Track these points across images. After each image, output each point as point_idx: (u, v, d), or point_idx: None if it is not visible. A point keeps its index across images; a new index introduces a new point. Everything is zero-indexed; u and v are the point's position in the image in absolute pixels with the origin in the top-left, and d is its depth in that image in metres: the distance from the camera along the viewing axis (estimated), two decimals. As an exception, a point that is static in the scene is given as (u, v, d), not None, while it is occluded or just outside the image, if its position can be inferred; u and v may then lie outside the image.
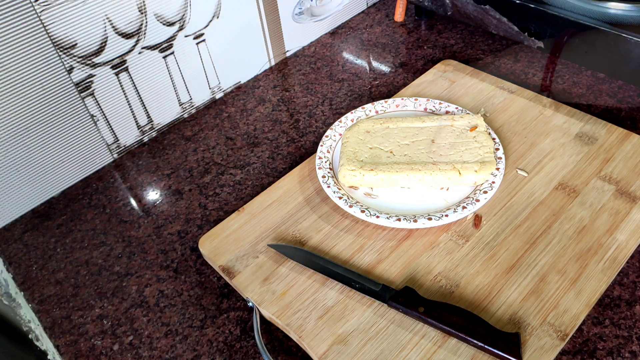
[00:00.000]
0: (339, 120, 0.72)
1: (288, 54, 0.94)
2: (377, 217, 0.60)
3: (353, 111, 0.73)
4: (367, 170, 0.63)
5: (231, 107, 0.86)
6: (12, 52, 0.62)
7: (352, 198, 0.63)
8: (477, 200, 0.61)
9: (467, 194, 0.63)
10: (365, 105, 0.74)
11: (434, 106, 0.73)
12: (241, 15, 0.83)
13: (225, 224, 0.64)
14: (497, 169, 0.63)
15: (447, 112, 0.72)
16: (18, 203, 0.72)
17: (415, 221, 0.59)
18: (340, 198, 0.62)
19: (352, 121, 0.73)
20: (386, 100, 0.75)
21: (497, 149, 0.66)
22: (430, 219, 0.59)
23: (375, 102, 0.75)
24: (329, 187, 0.64)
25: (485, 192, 0.61)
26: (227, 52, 0.84)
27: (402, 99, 0.75)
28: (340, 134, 0.71)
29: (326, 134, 0.71)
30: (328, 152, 0.69)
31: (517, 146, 0.68)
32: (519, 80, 0.81)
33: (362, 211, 0.60)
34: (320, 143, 0.70)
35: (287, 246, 0.60)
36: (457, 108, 0.72)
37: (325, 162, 0.68)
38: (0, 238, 0.70)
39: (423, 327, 0.52)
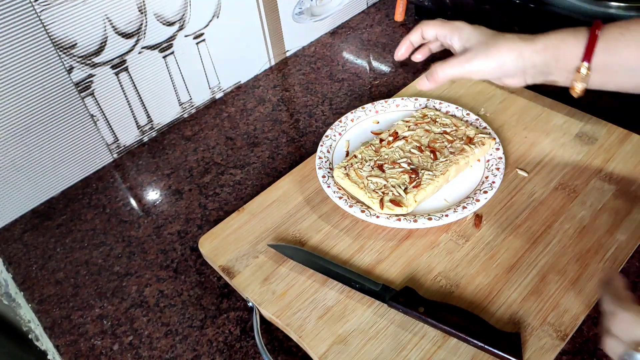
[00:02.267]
0: (339, 120, 0.72)
1: (288, 54, 0.94)
2: (377, 217, 0.60)
3: (353, 111, 0.73)
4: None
5: (231, 107, 0.85)
6: (12, 52, 0.62)
7: (352, 198, 0.63)
8: (477, 200, 0.61)
9: (467, 194, 0.63)
10: (365, 105, 0.74)
11: (434, 106, 0.73)
12: (241, 15, 0.83)
13: (225, 224, 0.64)
14: (498, 169, 0.63)
15: (447, 112, 0.72)
16: (18, 203, 0.72)
17: (415, 221, 0.59)
18: (340, 198, 0.62)
19: (352, 121, 0.73)
20: (386, 100, 0.75)
21: (498, 149, 0.66)
22: (430, 219, 0.59)
23: (375, 102, 0.74)
24: (329, 187, 0.64)
25: (485, 192, 0.61)
26: (227, 52, 0.84)
27: (402, 98, 0.75)
28: (340, 134, 0.71)
29: (326, 134, 0.71)
30: (328, 152, 0.69)
31: (517, 146, 0.68)
32: (519, 80, 0.80)
33: (362, 211, 0.60)
34: (320, 143, 0.70)
35: (287, 246, 0.60)
36: (457, 108, 0.72)
37: (325, 162, 0.68)
38: (0, 238, 0.70)
39: (423, 327, 0.52)
